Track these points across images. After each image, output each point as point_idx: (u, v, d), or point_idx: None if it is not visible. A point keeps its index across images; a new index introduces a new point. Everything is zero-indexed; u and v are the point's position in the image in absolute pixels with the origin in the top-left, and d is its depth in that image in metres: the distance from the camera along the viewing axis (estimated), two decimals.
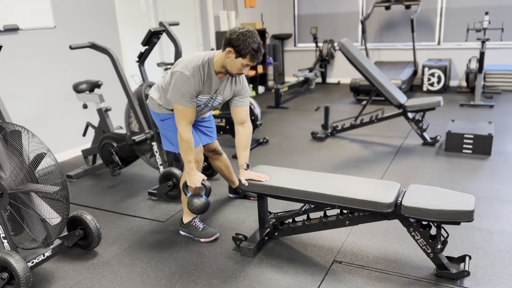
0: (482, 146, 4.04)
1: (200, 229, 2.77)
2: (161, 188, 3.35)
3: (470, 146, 4.09)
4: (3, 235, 2.42)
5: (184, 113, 2.43)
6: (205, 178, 2.58)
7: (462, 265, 2.33)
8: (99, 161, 4.19)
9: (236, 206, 3.23)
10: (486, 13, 6.26)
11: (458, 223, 2.14)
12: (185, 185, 2.61)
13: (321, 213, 2.98)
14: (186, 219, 2.82)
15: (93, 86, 3.77)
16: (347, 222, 2.44)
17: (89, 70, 4.65)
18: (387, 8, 7.36)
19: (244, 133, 2.62)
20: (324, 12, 8.32)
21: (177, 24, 3.62)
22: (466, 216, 2.10)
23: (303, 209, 2.55)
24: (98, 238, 2.64)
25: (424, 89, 7.09)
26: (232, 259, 2.54)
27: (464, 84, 7.43)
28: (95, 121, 4.75)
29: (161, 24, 3.43)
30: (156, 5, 5.75)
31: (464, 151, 4.12)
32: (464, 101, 6.22)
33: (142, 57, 3.42)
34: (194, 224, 2.79)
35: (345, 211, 2.47)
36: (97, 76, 4.74)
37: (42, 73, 4.19)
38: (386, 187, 2.38)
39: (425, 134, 4.45)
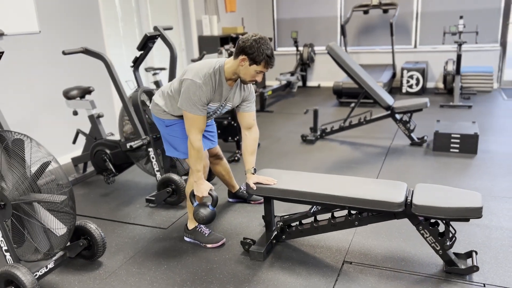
0: (469, 145, 4.18)
1: (206, 235, 2.75)
2: (159, 194, 3.30)
3: (457, 146, 4.22)
4: (5, 248, 2.33)
5: (195, 121, 2.41)
6: (213, 188, 2.56)
7: (469, 261, 2.39)
8: (89, 168, 4.08)
9: (238, 211, 3.21)
10: (461, 17, 6.48)
11: (468, 220, 2.20)
12: (192, 194, 2.58)
13: (329, 215, 2.99)
14: (191, 225, 2.79)
15: (84, 92, 3.69)
16: (356, 222, 2.47)
17: (77, 75, 4.54)
18: (366, 12, 7.52)
19: (251, 137, 2.61)
20: (303, 17, 8.42)
21: (170, 28, 3.59)
22: (475, 212, 2.16)
23: (311, 211, 2.56)
24: (103, 247, 2.57)
25: (403, 91, 7.27)
26: (242, 263, 2.53)
27: (440, 85, 7.66)
28: (85, 127, 4.63)
29: (155, 28, 3.39)
30: (139, 10, 5.68)
31: (451, 150, 4.25)
32: (443, 102, 6.41)
33: (137, 62, 3.37)
34: (199, 230, 2.77)
35: (353, 212, 2.51)
36: (83, 81, 4.63)
37: (29, 79, 4.06)
38: (394, 187, 2.42)
39: (412, 134, 4.56)
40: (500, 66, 7.32)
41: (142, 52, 3.33)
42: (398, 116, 4.59)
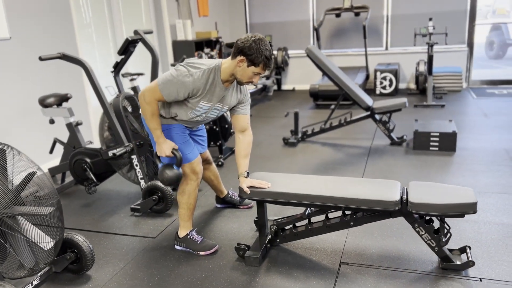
0: (448, 143, 4.27)
1: (198, 242, 2.67)
2: (145, 203, 3.20)
3: (437, 144, 4.31)
4: None
5: (155, 94, 2.33)
6: (176, 147, 2.50)
7: (463, 256, 2.43)
8: (68, 178, 3.93)
9: (227, 216, 3.15)
10: (430, 19, 6.65)
11: (463, 216, 2.22)
12: (156, 155, 2.54)
13: (323, 216, 2.97)
14: (182, 233, 2.71)
15: (61, 99, 3.55)
16: (351, 223, 2.46)
17: (49, 82, 4.36)
18: (338, 15, 7.62)
19: (245, 141, 2.57)
20: (276, 21, 8.45)
21: (151, 32, 3.50)
22: (471, 208, 2.19)
23: (306, 213, 2.54)
24: (92, 260, 2.46)
25: (377, 92, 7.40)
26: (238, 270, 2.47)
27: (412, 86, 7.84)
28: (62, 136, 4.45)
29: (136, 32, 3.30)
30: (112, 15, 5.54)
31: (431, 148, 4.33)
32: (416, 102, 6.55)
33: (118, 67, 3.27)
34: (191, 237, 2.69)
35: (347, 212, 2.50)
36: (56, 88, 4.46)
37: (0, 88, 3.88)
38: (388, 186, 2.43)
39: (392, 134, 4.63)
40: (468, 66, 7.56)
41: (123, 56, 3.23)
42: (377, 117, 4.64)
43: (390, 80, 7.24)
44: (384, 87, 7.32)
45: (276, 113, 6.48)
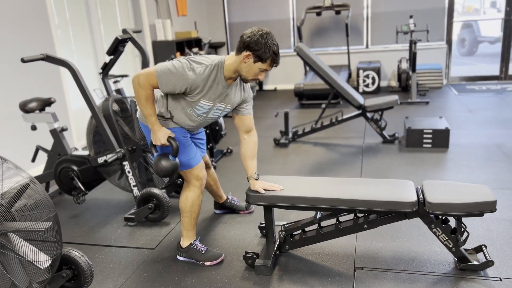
0: (441, 139, 4.26)
1: (203, 252, 2.52)
2: (140, 211, 3.02)
3: (430, 141, 4.29)
4: None
5: (151, 81, 2.17)
6: (173, 134, 2.34)
7: (479, 255, 2.37)
8: (52, 188, 3.69)
9: (228, 223, 3.01)
10: (411, 17, 6.69)
11: (482, 215, 2.16)
12: (152, 144, 2.38)
13: (333, 220, 2.87)
14: (185, 243, 2.55)
15: (44, 104, 3.32)
16: (365, 226, 2.36)
17: (27, 85, 4.10)
18: (318, 14, 7.57)
19: (251, 142, 2.44)
20: (256, 20, 8.33)
21: (139, 31, 3.32)
22: (490, 206, 2.13)
23: (317, 217, 2.43)
24: (91, 277, 2.27)
25: (360, 90, 7.39)
26: (249, 280, 2.34)
27: (393, 84, 7.87)
28: (45, 143, 4.20)
29: (124, 31, 3.12)
30: (89, 15, 5.29)
31: (424, 145, 4.31)
32: (401, 100, 6.56)
33: (106, 68, 3.07)
34: (195, 247, 2.53)
35: (360, 215, 2.40)
36: (33, 91, 4.20)
37: None
38: (402, 186, 2.35)
39: (384, 132, 4.59)
40: (447, 63, 7.65)
41: (112, 57, 3.04)
42: (369, 115, 4.59)
43: (373, 78, 7.24)
44: (367, 85, 7.32)
45: (262, 113, 6.36)
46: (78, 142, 4.80)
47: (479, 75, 7.84)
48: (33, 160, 3.49)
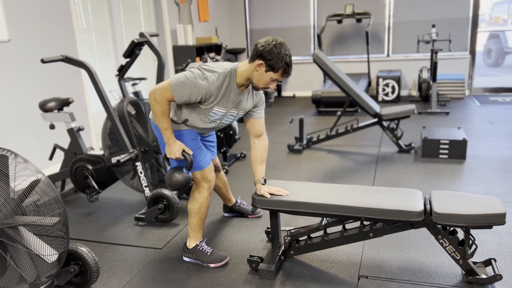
0: (458, 150, 4.18)
1: (208, 254, 2.54)
2: (150, 211, 3.07)
3: (446, 151, 4.21)
4: None
5: (167, 95, 2.20)
6: (187, 148, 2.37)
7: (487, 269, 2.32)
8: (67, 186, 3.78)
9: (236, 226, 3.03)
10: (433, 26, 6.61)
11: (491, 227, 2.12)
12: (165, 157, 2.41)
13: (339, 227, 2.85)
14: (191, 244, 2.58)
15: (63, 104, 3.41)
16: (371, 234, 2.34)
17: (49, 86, 4.23)
18: (339, 21, 7.56)
19: (261, 146, 2.45)
20: (276, 27, 8.38)
21: (157, 35, 3.39)
22: (499, 219, 2.08)
23: (323, 223, 2.42)
24: (97, 273, 2.32)
25: (380, 99, 7.33)
26: (252, 283, 2.34)
27: (414, 93, 7.77)
28: (62, 142, 4.31)
29: (141, 34, 3.19)
30: (112, 18, 5.42)
31: (440, 156, 4.24)
32: (420, 109, 6.48)
33: (122, 70, 3.15)
34: (201, 248, 2.56)
35: (366, 223, 2.38)
36: (55, 92, 4.32)
37: None
38: (409, 195, 2.32)
39: (400, 141, 4.53)
40: (470, 74, 7.51)
41: (128, 59, 3.11)
42: (385, 124, 4.55)
43: (393, 87, 7.17)
44: (386, 94, 7.25)
45: (278, 119, 6.37)
46: (96, 143, 4.91)
47: (504, 86, 7.67)
48: (51, 158, 3.59)
